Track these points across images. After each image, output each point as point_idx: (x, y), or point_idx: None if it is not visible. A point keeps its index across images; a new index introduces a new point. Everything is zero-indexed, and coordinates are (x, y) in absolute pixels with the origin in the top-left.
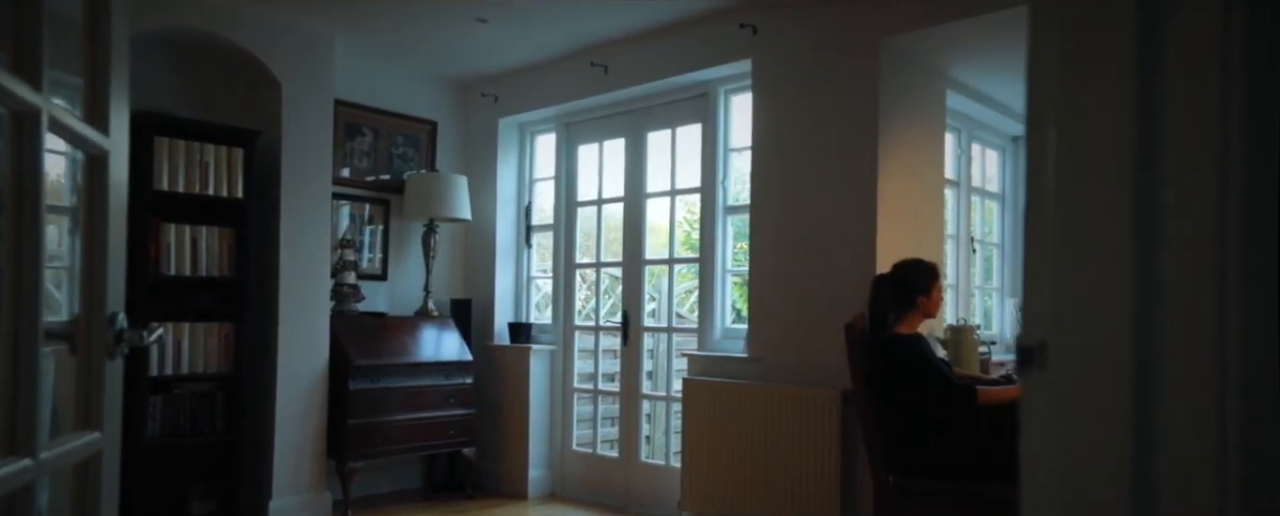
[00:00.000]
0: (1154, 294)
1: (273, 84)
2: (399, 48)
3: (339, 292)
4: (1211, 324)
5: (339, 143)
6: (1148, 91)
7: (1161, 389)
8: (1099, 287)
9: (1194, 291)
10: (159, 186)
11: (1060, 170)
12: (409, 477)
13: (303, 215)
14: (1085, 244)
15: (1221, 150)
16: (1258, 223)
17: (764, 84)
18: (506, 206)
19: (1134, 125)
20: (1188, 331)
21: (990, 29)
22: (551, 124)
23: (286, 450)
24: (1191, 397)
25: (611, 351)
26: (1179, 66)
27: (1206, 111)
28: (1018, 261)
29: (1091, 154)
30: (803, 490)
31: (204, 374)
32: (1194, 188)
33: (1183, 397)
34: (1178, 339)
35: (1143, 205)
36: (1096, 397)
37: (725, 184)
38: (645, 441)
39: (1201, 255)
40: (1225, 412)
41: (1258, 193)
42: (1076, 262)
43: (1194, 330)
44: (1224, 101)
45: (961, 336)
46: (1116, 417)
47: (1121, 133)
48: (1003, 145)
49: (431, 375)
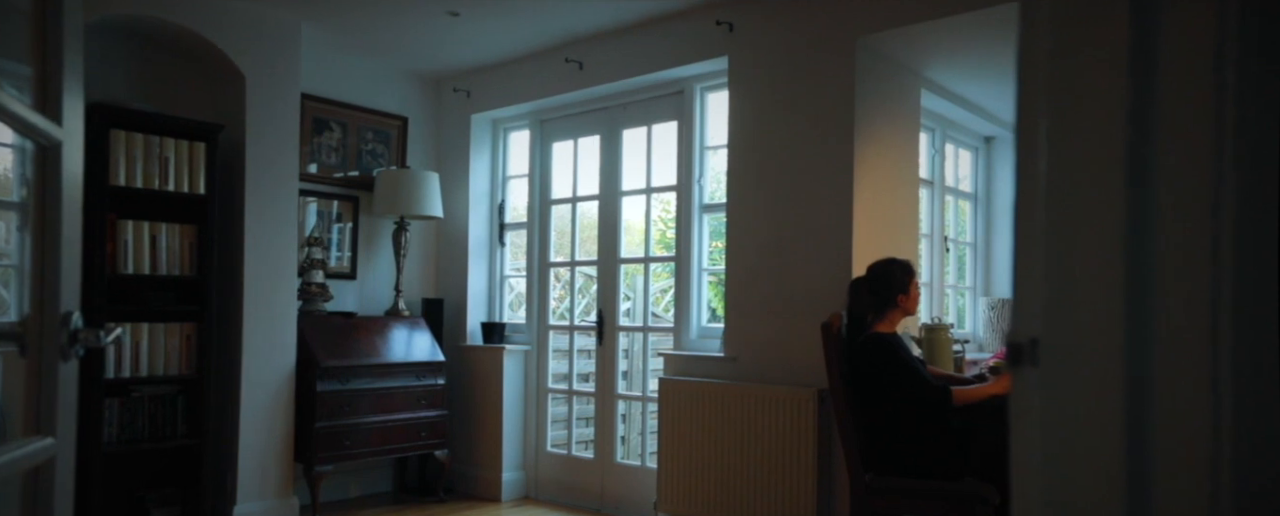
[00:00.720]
0: (1148, 289)
1: (236, 76)
2: (368, 40)
3: (306, 292)
4: (1206, 319)
5: (306, 138)
6: (1141, 85)
7: (1155, 385)
8: (1092, 283)
9: (1189, 287)
10: (116, 181)
11: (1053, 164)
12: (379, 481)
13: (268, 212)
14: (1078, 239)
15: (1217, 143)
16: (1254, 217)
17: (740, 81)
18: (479, 204)
19: (1127, 119)
20: (1182, 327)
21: (964, 28)
22: (525, 120)
23: (251, 454)
24: (1186, 394)
25: (586, 351)
26: (1173, 60)
27: (1201, 105)
28: (990, 261)
29: (1084, 148)
30: (779, 489)
31: (164, 376)
32: (1189, 181)
33: (1177, 394)
34: (1172, 335)
35: (1136, 199)
36: (1089, 395)
37: (701, 182)
38: (621, 442)
39: (1196, 250)
40: (1220, 410)
41: (1254, 186)
42: (1069, 258)
43: (1189, 326)
44: (1219, 95)
45: (936, 335)
46: (1109, 415)
47: (1114, 127)
48: (976, 145)
49: (402, 376)
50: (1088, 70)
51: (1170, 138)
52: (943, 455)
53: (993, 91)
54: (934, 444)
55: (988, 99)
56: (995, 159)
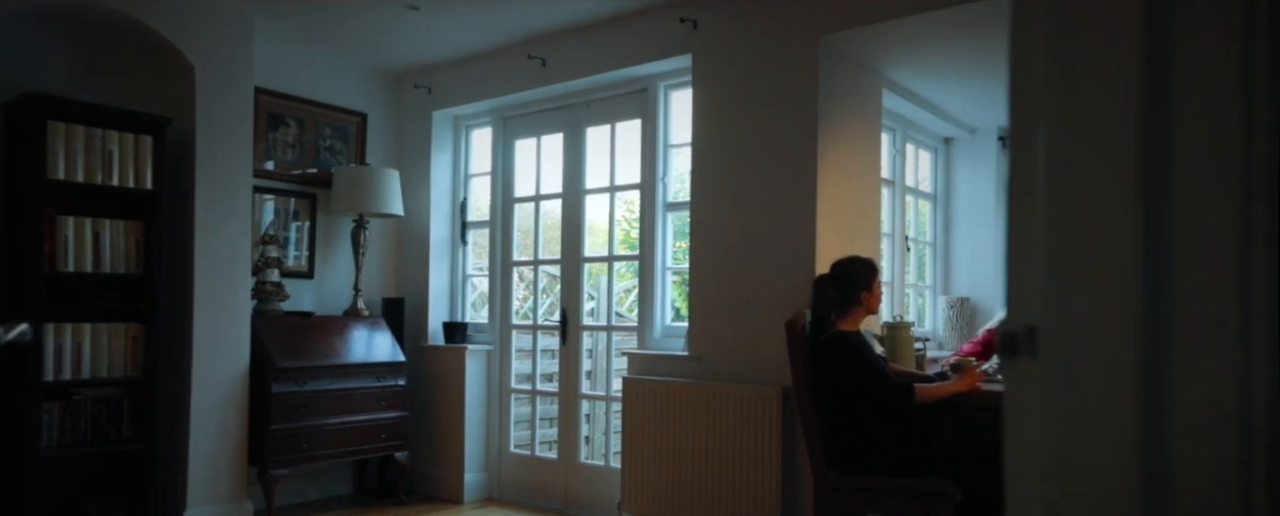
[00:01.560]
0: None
1: (185, 68)
2: (325, 34)
3: (261, 291)
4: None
5: (261, 133)
6: (1157, 61)
7: (1175, 375)
8: (1100, 265)
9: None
10: (55, 175)
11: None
12: (338, 484)
13: (220, 208)
14: (1084, 220)
15: (1246, 119)
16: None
17: (704, 79)
18: (441, 202)
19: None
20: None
21: (925, 28)
22: (488, 118)
23: (202, 458)
24: (1211, 385)
25: (550, 351)
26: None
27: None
28: (949, 260)
29: (1092, 125)
30: (743, 488)
31: (109, 378)
32: (1213, 157)
33: (1200, 384)
34: (1196, 320)
35: (1153, 177)
36: (1098, 387)
37: (665, 180)
38: (585, 442)
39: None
40: (1250, 402)
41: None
42: (1073, 239)
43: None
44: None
45: (897, 333)
46: (1122, 409)
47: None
48: (935, 146)
49: (362, 377)
50: (1096, 44)
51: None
52: (906, 453)
53: (952, 92)
54: (897, 441)
55: (947, 100)
56: (954, 160)
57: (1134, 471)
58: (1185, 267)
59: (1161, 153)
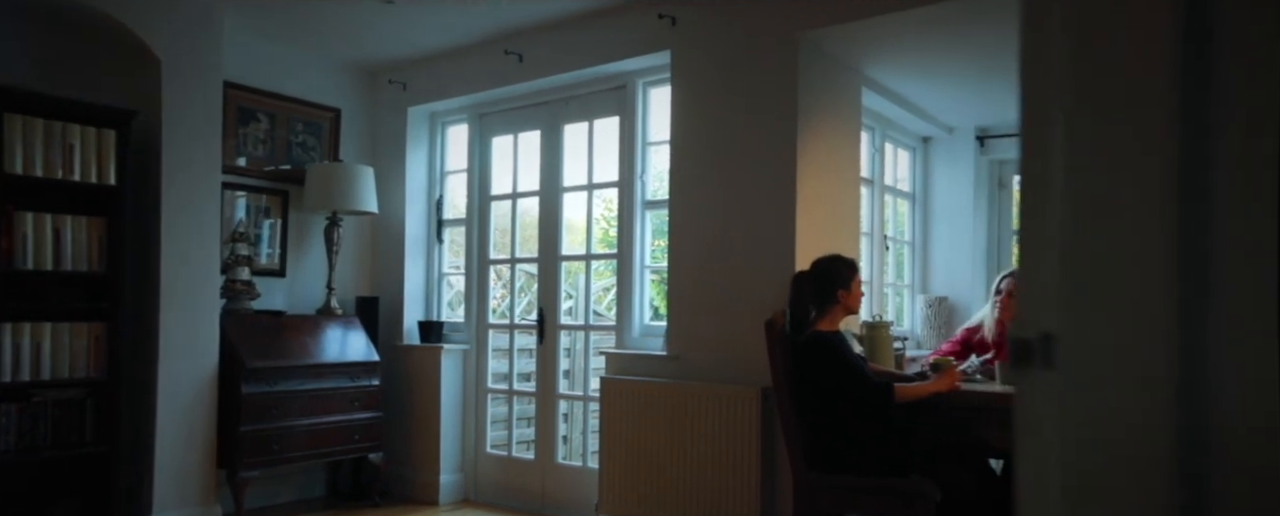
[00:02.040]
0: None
1: (151, 61)
2: (297, 28)
3: (231, 289)
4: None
5: (231, 129)
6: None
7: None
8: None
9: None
10: (12, 169)
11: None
12: (311, 486)
13: (188, 205)
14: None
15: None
16: None
17: (683, 77)
18: (416, 200)
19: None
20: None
21: (904, 26)
22: (464, 114)
23: (169, 461)
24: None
25: (527, 350)
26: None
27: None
28: (927, 260)
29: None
30: (723, 488)
31: (70, 379)
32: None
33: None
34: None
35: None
36: (1125, 402)
37: (643, 178)
38: (562, 442)
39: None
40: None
41: None
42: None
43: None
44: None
45: (877, 332)
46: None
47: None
48: (913, 145)
49: (335, 377)
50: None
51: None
52: (885, 452)
53: (931, 91)
54: (877, 441)
55: (926, 99)
56: (932, 159)
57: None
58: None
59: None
